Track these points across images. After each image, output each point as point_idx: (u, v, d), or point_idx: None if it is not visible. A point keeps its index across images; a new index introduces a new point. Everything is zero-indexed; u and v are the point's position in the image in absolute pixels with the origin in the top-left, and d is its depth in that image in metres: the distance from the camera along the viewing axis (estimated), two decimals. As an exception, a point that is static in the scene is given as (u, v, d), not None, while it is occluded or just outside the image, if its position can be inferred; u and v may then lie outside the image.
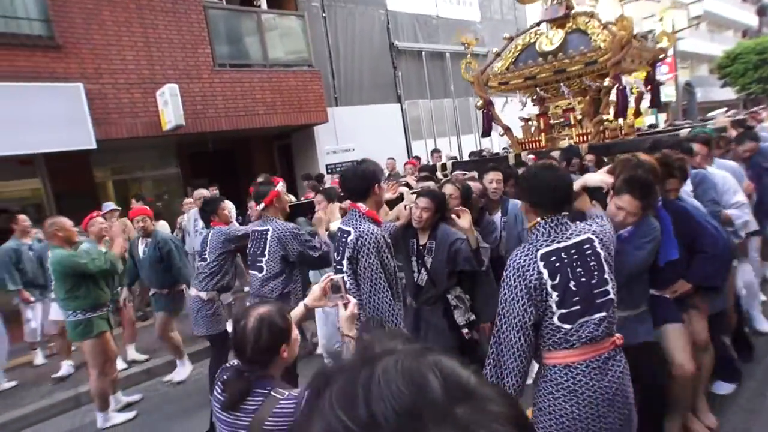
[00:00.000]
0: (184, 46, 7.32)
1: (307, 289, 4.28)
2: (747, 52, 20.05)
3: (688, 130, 5.04)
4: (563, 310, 1.81)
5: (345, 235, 2.50)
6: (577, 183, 2.43)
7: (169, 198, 9.58)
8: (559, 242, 1.86)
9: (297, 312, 1.95)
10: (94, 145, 6.37)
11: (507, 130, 6.16)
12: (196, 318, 3.88)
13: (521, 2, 6.57)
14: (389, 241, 2.55)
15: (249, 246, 3.41)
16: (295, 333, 1.67)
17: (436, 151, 9.42)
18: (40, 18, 6.19)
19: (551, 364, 1.87)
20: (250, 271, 3.28)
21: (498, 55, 6.07)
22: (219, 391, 1.59)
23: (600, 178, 2.47)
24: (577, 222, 1.99)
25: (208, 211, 3.95)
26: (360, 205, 2.53)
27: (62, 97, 6.18)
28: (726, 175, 3.43)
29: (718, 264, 2.63)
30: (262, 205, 3.33)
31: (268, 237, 3.23)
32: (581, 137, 5.34)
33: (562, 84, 5.37)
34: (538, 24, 5.85)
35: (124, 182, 9.09)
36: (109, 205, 6.38)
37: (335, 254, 2.64)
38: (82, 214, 4.42)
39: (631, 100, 5.51)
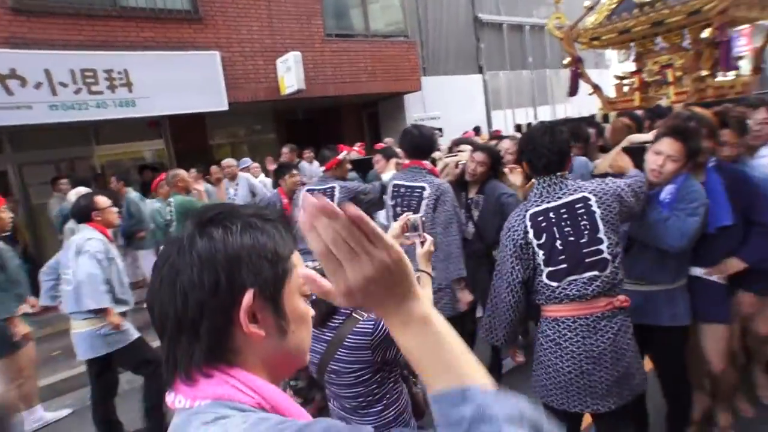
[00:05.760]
0: (300, 18, 8.14)
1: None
2: None
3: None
4: (550, 268, 1.86)
5: (418, 190, 2.74)
6: (623, 143, 2.44)
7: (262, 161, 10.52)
8: (549, 202, 1.89)
9: None
10: (226, 107, 7.25)
11: (596, 89, 5.95)
12: None
13: None
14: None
15: None
16: None
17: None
18: (188, -6, 7.16)
19: (544, 317, 1.94)
20: None
21: (590, 9, 5.77)
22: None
23: (647, 137, 2.40)
24: (578, 180, 1.98)
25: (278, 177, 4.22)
26: (425, 162, 2.77)
27: (201, 64, 7.06)
28: None
29: None
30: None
31: (336, 194, 3.51)
32: (680, 96, 5.03)
33: (658, 37, 5.12)
34: None
35: (228, 145, 10.05)
36: (247, 161, 6.97)
37: (398, 207, 2.85)
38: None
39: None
